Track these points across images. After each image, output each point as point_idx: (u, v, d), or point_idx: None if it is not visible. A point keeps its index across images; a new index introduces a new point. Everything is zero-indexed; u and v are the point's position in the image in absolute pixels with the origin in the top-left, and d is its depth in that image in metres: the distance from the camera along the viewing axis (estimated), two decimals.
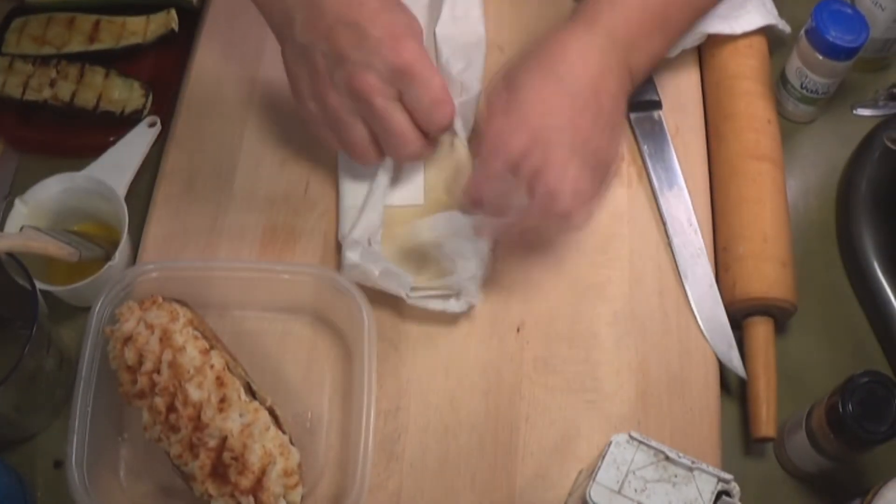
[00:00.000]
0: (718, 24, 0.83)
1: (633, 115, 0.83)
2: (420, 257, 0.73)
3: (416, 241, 0.72)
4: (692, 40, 0.83)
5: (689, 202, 0.79)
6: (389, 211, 0.77)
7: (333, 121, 0.72)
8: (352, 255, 0.71)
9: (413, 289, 0.72)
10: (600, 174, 0.70)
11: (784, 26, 0.85)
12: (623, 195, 0.80)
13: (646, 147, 0.81)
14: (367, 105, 0.69)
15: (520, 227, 0.71)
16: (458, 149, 0.77)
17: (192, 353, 0.65)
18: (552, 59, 0.70)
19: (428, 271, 0.73)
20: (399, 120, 0.70)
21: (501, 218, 0.70)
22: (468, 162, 0.78)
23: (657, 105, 0.82)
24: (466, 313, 0.74)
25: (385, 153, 0.74)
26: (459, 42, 0.81)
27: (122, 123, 0.83)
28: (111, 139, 0.82)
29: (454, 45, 0.81)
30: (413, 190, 0.78)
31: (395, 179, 0.78)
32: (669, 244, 0.77)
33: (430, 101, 0.69)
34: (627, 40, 0.72)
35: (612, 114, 0.71)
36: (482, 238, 0.71)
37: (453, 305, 0.72)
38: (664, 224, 0.78)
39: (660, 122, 0.82)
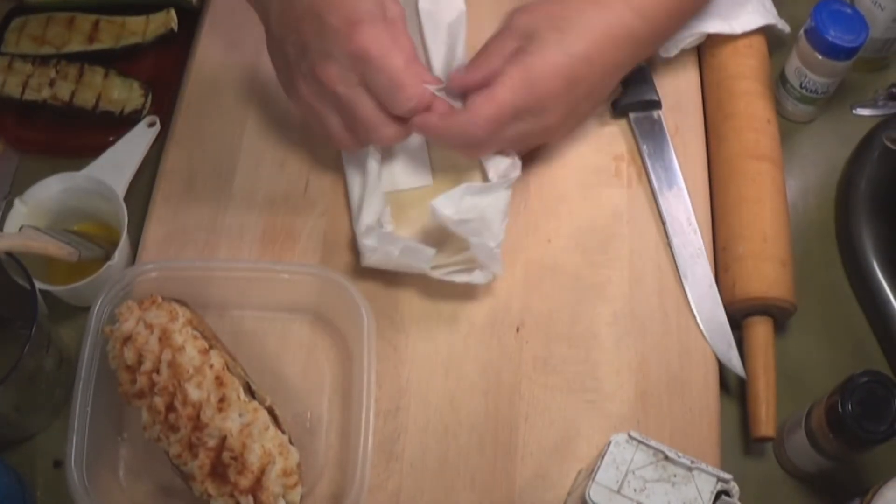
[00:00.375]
0: (718, 23, 0.83)
1: (632, 115, 0.83)
2: (438, 235, 0.73)
3: (436, 220, 0.71)
4: (692, 40, 0.84)
5: (689, 202, 0.79)
6: (401, 195, 0.77)
7: (308, 111, 0.72)
8: (369, 241, 0.71)
9: (434, 267, 0.72)
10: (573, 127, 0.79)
11: (783, 26, 0.85)
12: (623, 195, 0.80)
13: (645, 147, 0.81)
14: (331, 94, 0.69)
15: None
16: None
17: (191, 352, 0.65)
18: (572, 33, 0.71)
19: (448, 248, 0.73)
20: (363, 106, 0.69)
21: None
22: None
23: (657, 105, 0.82)
24: (465, 313, 0.74)
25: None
26: (441, 18, 0.81)
27: (121, 123, 0.83)
28: (111, 139, 0.82)
29: (436, 21, 0.81)
30: (421, 171, 0.79)
31: (402, 163, 0.78)
32: (669, 244, 0.77)
33: (388, 85, 0.68)
34: (656, 20, 0.75)
35: (603, 91, 0.77)
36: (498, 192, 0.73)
37: (478, 277, 0.72)
38: (664, 224, 0.78)
39: (659, 122, 0.82)
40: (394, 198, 0.77)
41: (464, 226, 0.70)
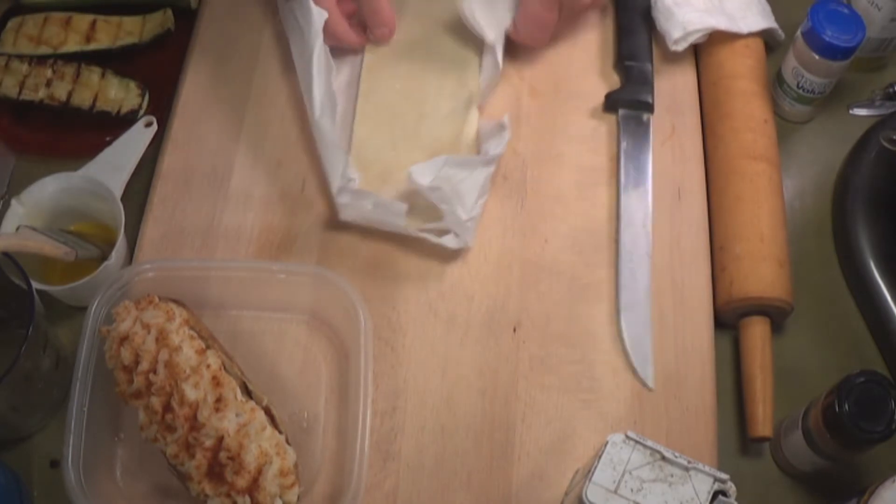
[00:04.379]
0: (727, 21, 0.83)
1: (621, 111, 0.83)
2: (419, 200, 0.74)
3: (412, 184, 0.73)
4: (700, 35, 0.84)
5: (651, 207, 0.79)
6: (399, 155, 0.79)
7: None
8: (343, 199, 0.74)
9: (409, 225, 0.74)
10: None
11: (779, 31, 0.86)
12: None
13: (624, 144, 0.81)
14: None
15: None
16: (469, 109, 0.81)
17: (188, 352, 0.65)
18: None
19: (427, 213, 0.75)
20: None
21: None
22: (475, 120, 0.81)
23: (649, 108, 0.82)
24: (462, 313, 0.74)
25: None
26: None
27: (118, 123, 0.83)
28: (107, 139, 0.82)
29: None
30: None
31: None
32: (617, 240, 0.77)
33: None
34: None
35: None
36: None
37: (449, 241, 0.74)
38: (617, 220, 0.78)
39: (646, 125, 0.82)
40: (391, 157, 0.79)
41: (435, 193, 0.72)
